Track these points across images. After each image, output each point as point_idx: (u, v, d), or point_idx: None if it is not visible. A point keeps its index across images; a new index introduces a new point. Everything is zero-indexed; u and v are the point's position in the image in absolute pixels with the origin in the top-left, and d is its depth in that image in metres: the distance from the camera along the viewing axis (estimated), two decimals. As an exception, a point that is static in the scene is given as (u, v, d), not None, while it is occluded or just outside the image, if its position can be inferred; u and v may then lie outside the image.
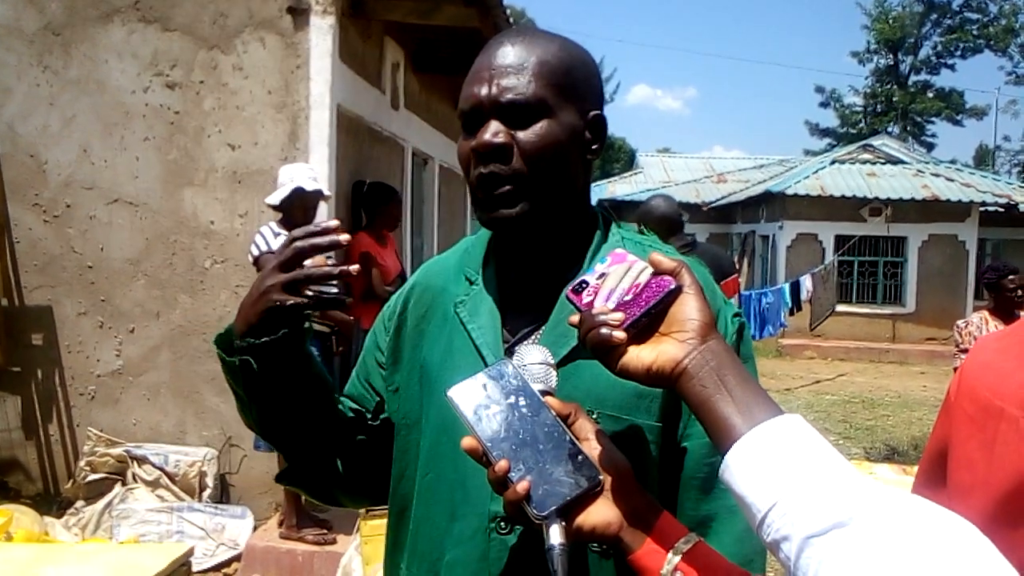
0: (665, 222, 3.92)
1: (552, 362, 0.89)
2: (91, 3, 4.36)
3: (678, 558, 0.76)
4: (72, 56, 4.39)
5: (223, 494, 4.40)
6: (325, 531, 3.96)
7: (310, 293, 0.96)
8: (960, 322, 5.16)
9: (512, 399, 0.83)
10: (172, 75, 4.34)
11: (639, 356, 0.76)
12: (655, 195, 4.17)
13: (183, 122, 4.35)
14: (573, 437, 0.81)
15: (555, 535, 0.76)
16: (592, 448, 0.81)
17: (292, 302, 0.93)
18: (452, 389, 0.84)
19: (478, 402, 0.83)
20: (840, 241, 15.96)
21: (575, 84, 0.98)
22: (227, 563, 4.03)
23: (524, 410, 0.82)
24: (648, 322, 0.77)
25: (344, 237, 0.95)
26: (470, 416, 0.82)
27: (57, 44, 4.39)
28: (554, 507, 0.76)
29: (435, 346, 1.05)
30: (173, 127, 4.35)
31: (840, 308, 14.58)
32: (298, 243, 0.94)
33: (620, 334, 0.76)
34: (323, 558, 3.85)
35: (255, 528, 4.18)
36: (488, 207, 0.97)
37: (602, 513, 0.78)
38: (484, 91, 0.95)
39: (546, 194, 0.97)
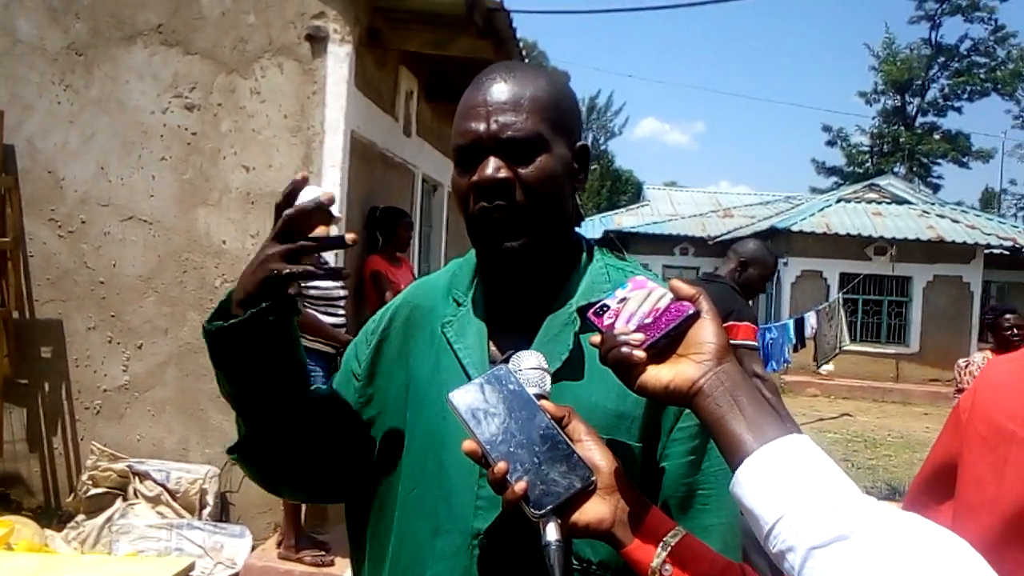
0: (770, 267, 4.10)
1: (546, 367, 0.93)
2: (115, 25, 4.46)
3: (666, 551, 0.81)
4: (94, 76, 4.48)
5: (223, 512, 4.41)
6: (323, 552, 3.96)
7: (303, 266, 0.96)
8: (961, 361, 5.18)
9: (509, 403, 0.87)
10: (191, 97, 4.42)
11: (657, 375, 0.80)
12: (753, 238, 4.36)
13: (200, 143, 4.43)
14: (567, 439, 0.85)
15: (551, 532, 0.80)
16: (585, 449, 0.85)
17: (288, 271, 0.94)
18: (453, 393, 0.88)
19: (477, 406, 0.86)
20: (845, 279, 15.98)
21: (565, 117, 1.02)
22: (225, 582, 4.02)
23: (521, 413, 0.86)
24: (667, 344, 0.82)
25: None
26: (469, 419, 0.86)
27: (80, 64, 4.49)
28: (550, 506, 0.81)
29: (422, 365, 1.07)
30: (190, 148, 4.43)
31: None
32: (286, 212, 0.95)
33: (640, 353, 0.80)
34: (321, 580, 3.84)
35: (253, 548, 4.18)
36: (491, 240, 1.00)
37: (595, 510, 0.82)
38: (483, 127, 0.98)
39: (545, 226, 1.01)
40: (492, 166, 0.97)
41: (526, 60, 5.57)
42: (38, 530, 3.96)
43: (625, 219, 23.81)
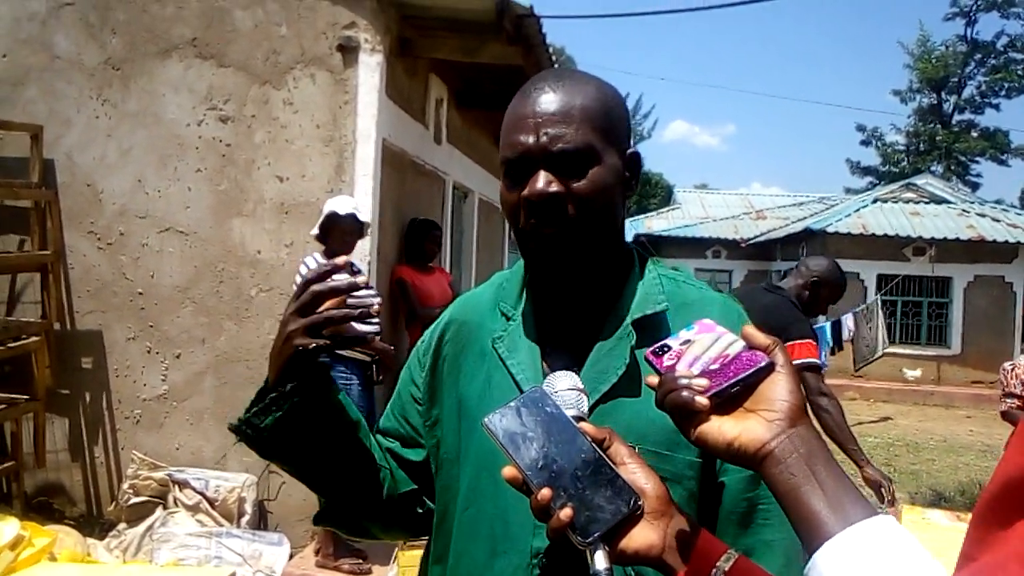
0: (840, 289, 3.96)
1: (582, 387, 0.90)
2: (150, 39, 4.53)
3: None
4: (130, 90, 4.55)
5: (261, 520, 4.43)
6: (361, 561, 3.96)
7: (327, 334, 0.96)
8: (1007, 364, 4.96)
9: (547, 426, 0.84)
10: (225, 109, 4.47)
11: (721, 428, 0.73)
12: (826, 257, 4.08)
13: (234, 154, 4.47)
14: (610, 462, 0.82)
15: (600, 561, 0.77)
16: (629, 472, 0.82)
17: (314, 344, 0.93)
18: (488, 418, 0.85)
19: (515, 430, 0.84)
20: (883, 280, 15.69)
21: (615, 126, 1.00)
22: (263, 590, 4.04)
23: (560, 436, 0.83)
24: (733, 395, 0.75)
25: (361, 278, 0.96)
26: (508, 444, 0.83)
27: (116, 78, 4.56)
28: (598, 533, 0.77)
29: (473, 381, 1.05)
30: (225, 159, 4.48)
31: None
32: (315, 287, 0.95)
33: (703, 400, 0.74)
34: (358, 588, 3.84)
35: (291, 556, 4.20)
36: (543, 257, 0.98)
37: (644, 536, 0.79)
38: (532, 140, 0.95)
39: (596, 239, 0.98)
40: (543, 180, 0.94)
41: (555, 66, 5.54)
42: (81, 539, 4.01)
43: (655, 223, 23.66)
